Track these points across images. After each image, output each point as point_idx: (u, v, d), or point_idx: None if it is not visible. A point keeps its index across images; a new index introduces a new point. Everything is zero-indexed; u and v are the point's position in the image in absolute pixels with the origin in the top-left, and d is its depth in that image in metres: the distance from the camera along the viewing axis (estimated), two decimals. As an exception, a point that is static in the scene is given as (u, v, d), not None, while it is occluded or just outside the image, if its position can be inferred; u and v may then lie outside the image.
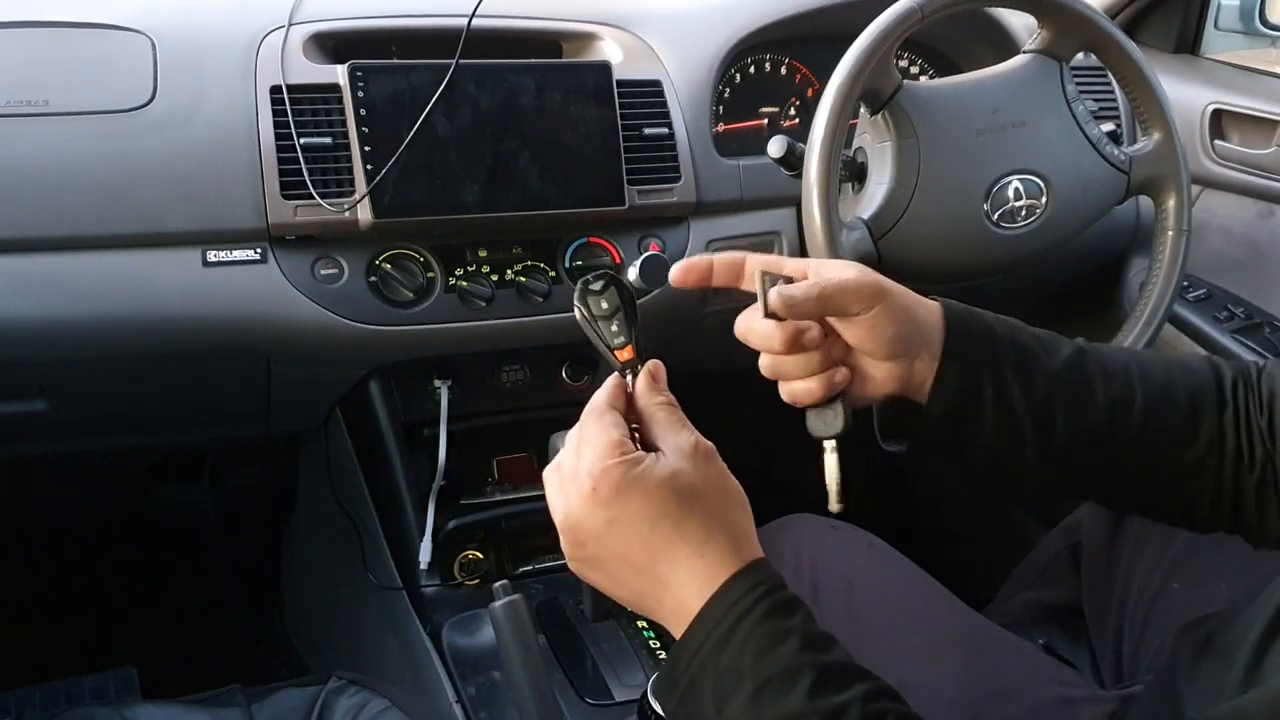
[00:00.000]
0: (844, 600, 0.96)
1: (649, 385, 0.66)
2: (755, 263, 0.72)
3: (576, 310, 0.69)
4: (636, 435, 0.65)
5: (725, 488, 0.62)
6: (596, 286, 0.69)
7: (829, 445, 0.74)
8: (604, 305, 0.69)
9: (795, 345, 0.70)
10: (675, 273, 0.74)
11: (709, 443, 0.63)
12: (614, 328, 0.69)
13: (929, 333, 0.71)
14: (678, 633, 0.60)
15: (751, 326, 0.71)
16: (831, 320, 0.71)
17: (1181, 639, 0.74)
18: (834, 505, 0.74)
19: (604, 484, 0.60)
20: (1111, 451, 0.72)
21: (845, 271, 0.70)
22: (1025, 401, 0.71)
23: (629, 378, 0.67)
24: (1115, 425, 0.72)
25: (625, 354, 0.68)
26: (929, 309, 0.72)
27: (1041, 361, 0.72)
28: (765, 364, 0.73)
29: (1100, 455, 0.73)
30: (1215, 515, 0.74)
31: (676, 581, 0.60)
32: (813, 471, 0.75)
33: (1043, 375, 0.72)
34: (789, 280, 0.70)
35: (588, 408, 0.66)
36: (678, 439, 0.63)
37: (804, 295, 0.68)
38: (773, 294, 0.68)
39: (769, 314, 0.69)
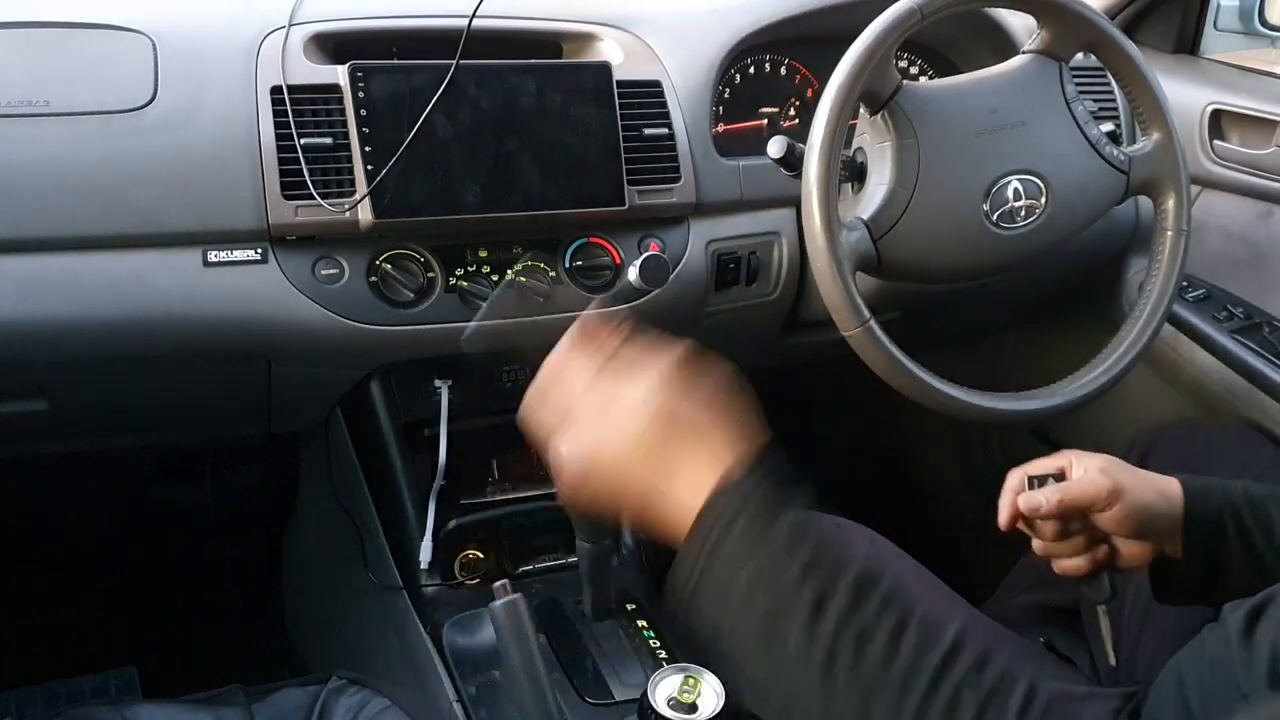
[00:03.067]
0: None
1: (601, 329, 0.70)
2: (1017, 471, 0.90)
3: None
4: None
5: (713, 385, 0.65)
6: None
7: (1100, 610, 0.89)
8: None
9: (1059, 535, 0.87)
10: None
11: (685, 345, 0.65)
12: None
13: (1173, 514, 0.83)
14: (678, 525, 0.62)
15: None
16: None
17: (1230, 614, 0.75)
18: (1110, 660, 0.87)
19: (617, 363, 0.64)
20: None
21: (1087, 477, 0.85)
22: (1269, 546, 0.80)
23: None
24: None
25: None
26: (1169, 496, 0.84)
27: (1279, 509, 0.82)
28: (1037, 546, 0.90)
29: None
30: None
31: (682, 481, 0.62)
32: (810, 471, 0.76)
33: None
34: (1061, 475, 0.88)
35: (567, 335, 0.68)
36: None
37: (1046, 502, 0.85)
38: (1021, 500, 0.86)
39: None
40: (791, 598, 0.58)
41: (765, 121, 1.38)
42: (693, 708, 0.91)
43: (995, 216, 1.08)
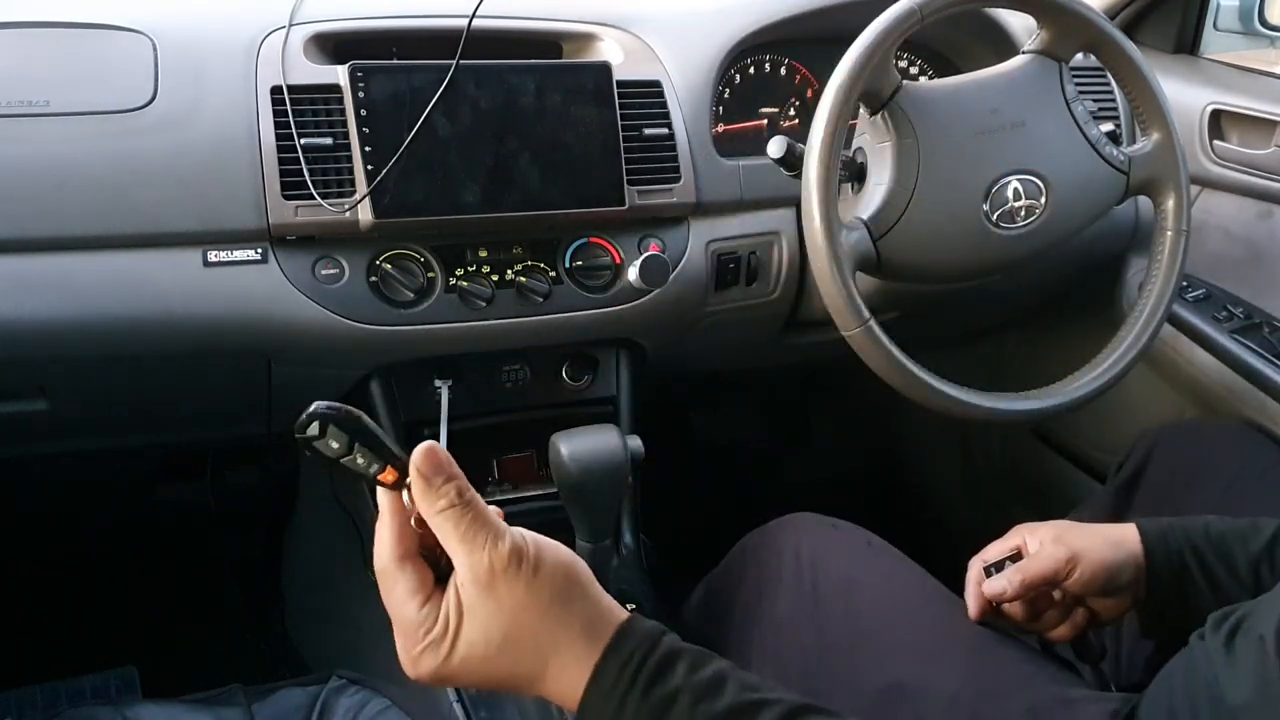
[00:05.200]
0: (844, 599, 0.96)
1: (426, 494, 0.57)
2: (975, 561, 0.93)
3: (310, 455, 0.59)
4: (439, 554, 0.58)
5: (545, 590, 0.56)
6: (314, 430, 0.58)
7: (1086, 671, 0.90)
8: (334, 445, 0.58)
9: (1030, 615, 0.90)
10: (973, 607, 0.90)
11: (506, 547, 0.56)
12: (360, 460, 0.58)
13: (1136, 563, 0.85)
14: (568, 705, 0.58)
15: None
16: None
17: (1213, 628, 0.74)
18: None
19: (424, 672, 0.57)
20: None
21: (1043, 551, 0.87)
22: (1235, 582, 0.81)
23: (405, 496, 0.58)
24: None
25: (388, 476, 0.58)
26: (1128, 546, 0.86)
27: (1242, 545, 0.83)
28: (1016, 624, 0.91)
29: None
30: None
31: (553, 693, 0.57)
32: (806, 470, 0.77)
33: (1244, 556, 0.82)
34: (1017, 555, 0.91)
35: (376, 565, 0.58)
36: (472, 562, 0.56)
37: (1010, 585, 0.87)
38: (985, 589, 0.89)
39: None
40: None
41: (765, 121, 1.38)
42: (693, 707, 0.91)
43: (995, 216, 1.08)
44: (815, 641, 0.98)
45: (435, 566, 0.59)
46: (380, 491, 0.59)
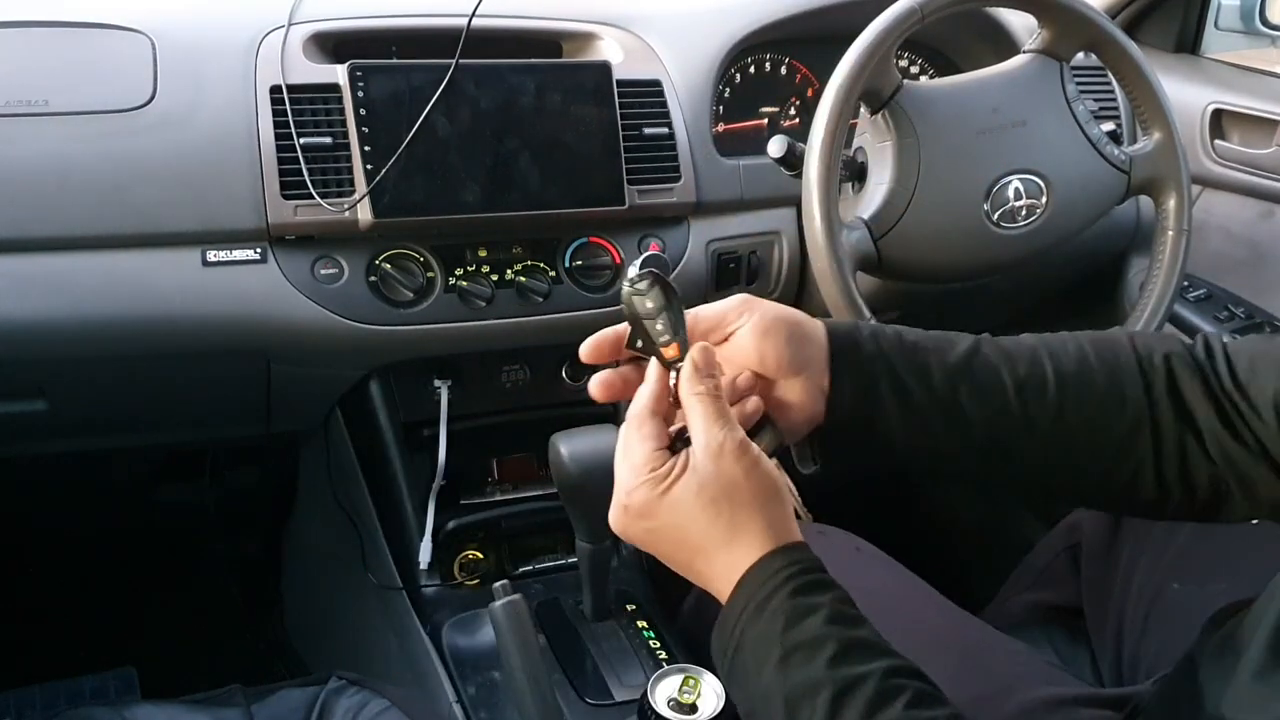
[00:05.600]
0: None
1: (691, 376, 0.66)
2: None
3: (624, 308, 0.68)
4: (682, 433, 0.66)
5: (755, 482, 0.64)
6: (642, 286, 0.67)
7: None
8: (649, 305, 0.67)
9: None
10: (586, 350, 0.73)
11: (740, 436, 0.64)
12: (659, 326, 0.67)
13: (818, 346, 0.72)
14: (725, 584, 0.64)
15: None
16: (727, 353, 0.71)
17: (1205, 635, 0.73)
18: (805, 517, 0.76)
19: (634, 503, 0.65)
20: (1034, 435, 0.72)
21: (716, 303, 0.73)
22: (928, 395, 0.71)
23: (674, 374, 0.67)
24: (1030, 408, 0.71)
25: (671, 351, 0.67)
26: (812, 324, 0.73)
27: (936, 355, 0.73)
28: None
29: (1024, 441, 0.72)
30: (1163, 499, 0.73)
31: (712, 574, 0.64)
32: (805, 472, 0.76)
33: (940, 368, 0.72)
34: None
35: (630, 410, 0.67)
36: (708, 437, 0.64)
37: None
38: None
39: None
40: (815, 686, 0.58)
41: (765, 121, 1.38)
42: (693, 708, 0.91)
43: (996, 216, 1.07)
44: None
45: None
46: (652, 363, 0.68)
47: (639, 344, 0.69)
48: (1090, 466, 0.73)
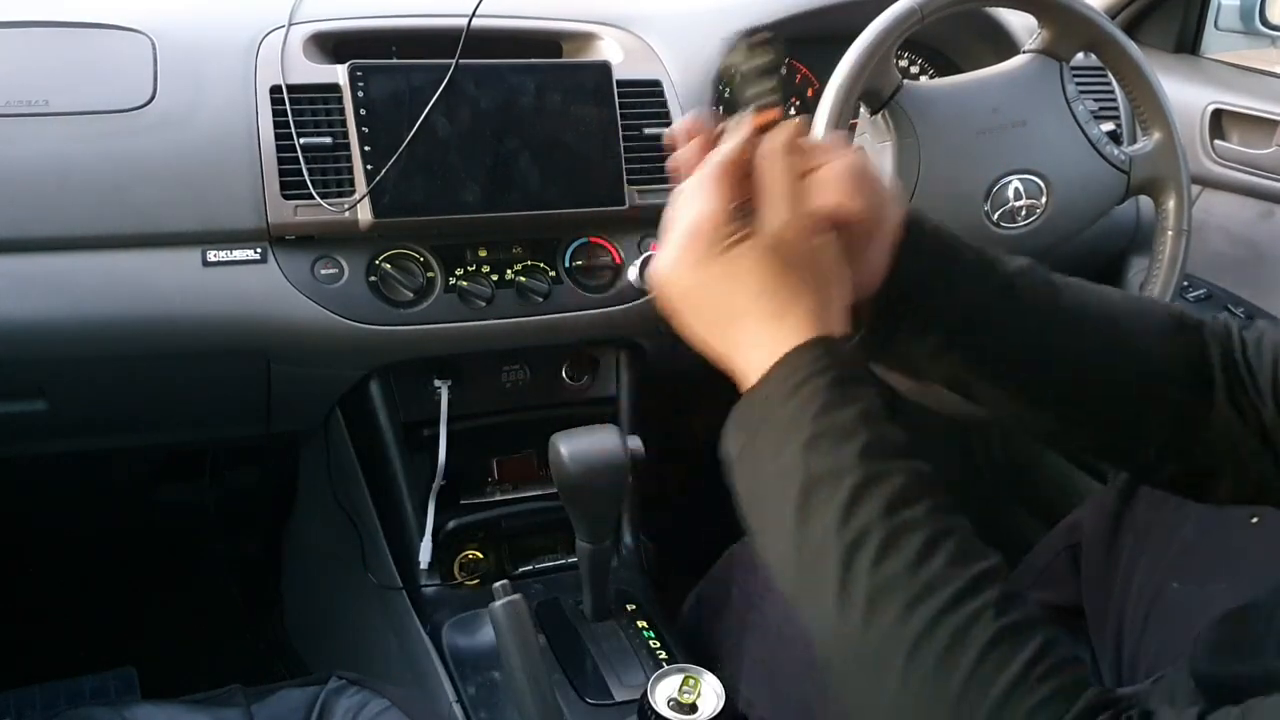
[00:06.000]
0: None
1: (783, 145, 0.63)
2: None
3: (727, 66, 0.67)
4: (744, 205, 0.63)
5: (820, 265, 0.62)
6: (762, 39, 0.64)
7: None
8: (765, 61, 0.64)
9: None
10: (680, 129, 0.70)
11: (812, 213, 0.62)
12: (766, 85, 0.65)
13: (894, 211, 0.69)
14: (746, 388, 0.61)
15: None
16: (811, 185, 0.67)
17: (1202, 637, 0.73)
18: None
19: (692, 251, 0.62)
20: (1070, 346, 0.72)
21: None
22: (981, 285, 0.72)
23: (745, 149, 0.64)
24: (1071, 319, 0.72)
25: (766, 117, 0.65)
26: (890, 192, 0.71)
27: (1000, 262, 0.74)
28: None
29: (1058, 351, 0.72)
30: (1159, 464, 0.73)
31: (747, 344, 0.61)
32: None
33: (999, 266, 0.73)
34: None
35: (710, 162, 0.64)
36: (785, 206, 0.62)
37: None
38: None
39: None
40: (838, 472, 0.55)
41: (765, 121, 1.38)
42: (693, 708, 0.91)
43: (996, 216, 1.08)
44: (808, 650, 0.98)
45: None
46: (739, 124, 0.65)
47: (733, 103, 0.66)
48: (1109, 401, 0.73)
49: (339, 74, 1.10)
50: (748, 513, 0.60)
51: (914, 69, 1.44)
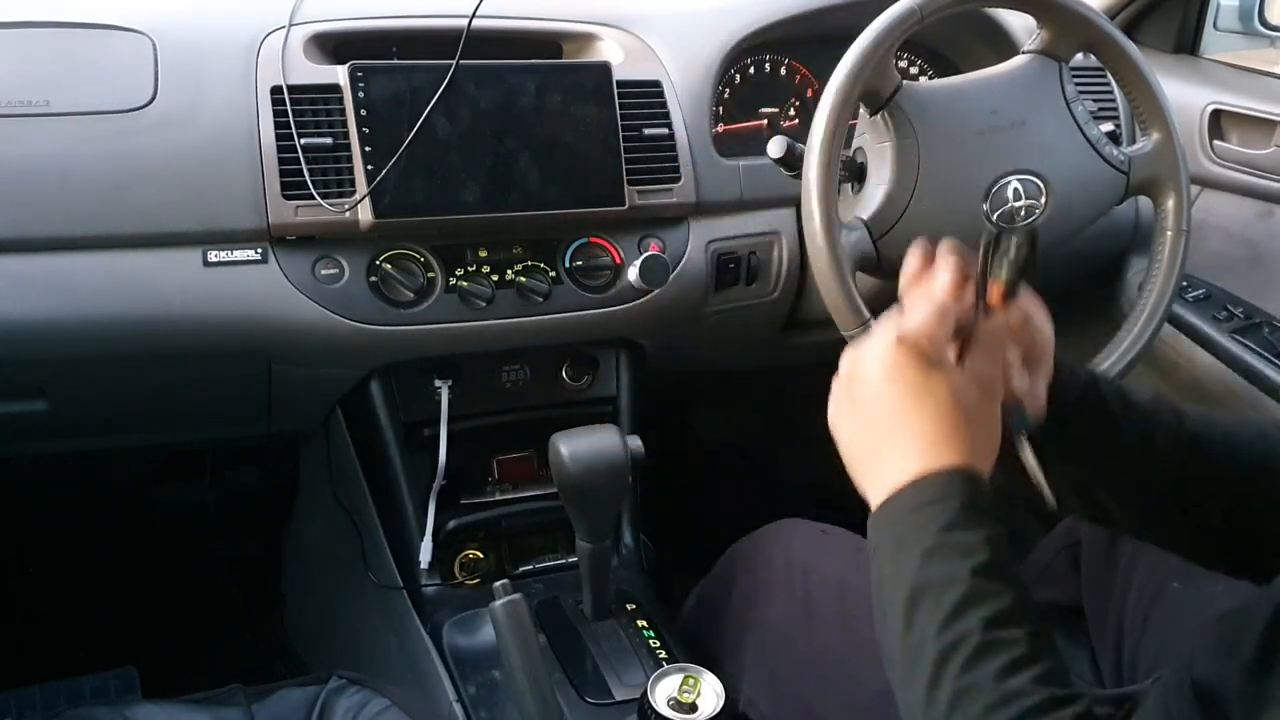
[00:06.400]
0: (837, 604, 0.96)
1: (1004, 327, 0.73)
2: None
3: (993, 232, 0.73)
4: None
5: (989, 420, 0.70)
6: (1024, 238, 0.71)
7: (1021, 439, 0.80)
8: (1017, 255, 0.71)
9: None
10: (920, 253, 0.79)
11: (1003, 381, 0.72)
12: (1002, 266, 0.72)
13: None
14: (876, 499, 0.68)
15: None
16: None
17: (1198, 638, 0.74)
18: (1049, 501, 0.79)
19: (914, 346, 0.69)
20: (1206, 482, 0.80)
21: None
22: (1130, 410, 0.81)
23: (979, 311, 0.72)
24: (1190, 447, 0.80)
25: (995, 292, 0.73)
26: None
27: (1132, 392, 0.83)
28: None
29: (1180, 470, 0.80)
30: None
31: (899, 455, 0.67)
32: (807, 471, 0.77)
33: (1134, 397, 0.82)
34: None
35: (944, 285, 0.72)
36: (983, 367, 0.70)
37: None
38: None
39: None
40: (951, 581, 0.61)
41: (765, 121, 1.38)
42: (693, 708, 0.91)
43: (995, 216, 1.07)
44: (808, 650, 0.98)
45: None
46: (956, 289, 0.73)
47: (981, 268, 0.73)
48: (1242, 517, 0.81)
49: (339, 74, 1.10)
50: (874, 598, 0.67)
51: (913, 70, 1.44)
